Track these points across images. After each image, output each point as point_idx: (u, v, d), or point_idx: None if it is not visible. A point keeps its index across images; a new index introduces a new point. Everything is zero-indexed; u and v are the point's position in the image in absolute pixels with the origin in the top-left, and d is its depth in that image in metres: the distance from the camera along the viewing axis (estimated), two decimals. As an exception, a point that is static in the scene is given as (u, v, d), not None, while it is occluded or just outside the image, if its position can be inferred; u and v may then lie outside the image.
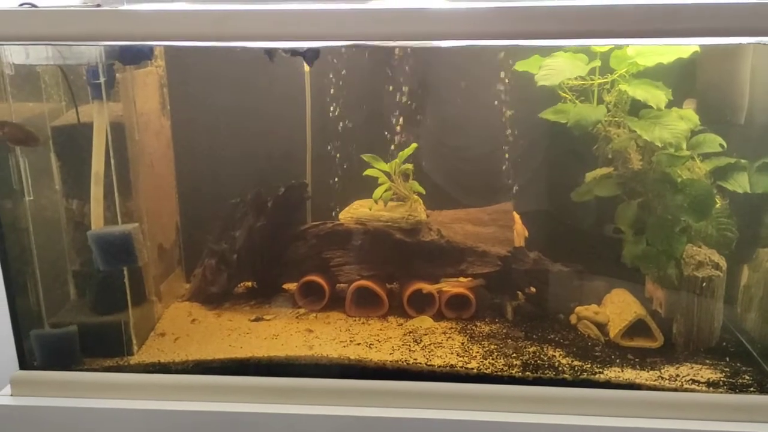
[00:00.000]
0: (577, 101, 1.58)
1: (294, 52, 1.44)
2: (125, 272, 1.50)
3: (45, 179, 1.50)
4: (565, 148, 1.69)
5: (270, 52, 1.46)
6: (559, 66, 1.49)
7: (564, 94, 1.58)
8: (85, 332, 1.50)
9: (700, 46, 1.43)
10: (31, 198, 1.46)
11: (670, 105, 1.51)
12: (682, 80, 1.53)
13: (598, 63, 1.51)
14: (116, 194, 1.47)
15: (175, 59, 1.76)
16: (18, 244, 1.47)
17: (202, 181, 1.85)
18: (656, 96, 1.44)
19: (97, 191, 1.46)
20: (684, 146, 1.44)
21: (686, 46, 1.42)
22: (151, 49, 1.60)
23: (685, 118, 1.47)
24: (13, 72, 1.40)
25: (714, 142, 1.49)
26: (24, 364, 1.50)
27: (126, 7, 1.33)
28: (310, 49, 1.43)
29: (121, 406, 1.42)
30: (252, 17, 1.25)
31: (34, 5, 1.29)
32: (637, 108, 1.53)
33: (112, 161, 1.46)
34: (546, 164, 1.80)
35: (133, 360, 1.51)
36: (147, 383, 1.45)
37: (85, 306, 1.55)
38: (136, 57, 1.54)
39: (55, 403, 1.43)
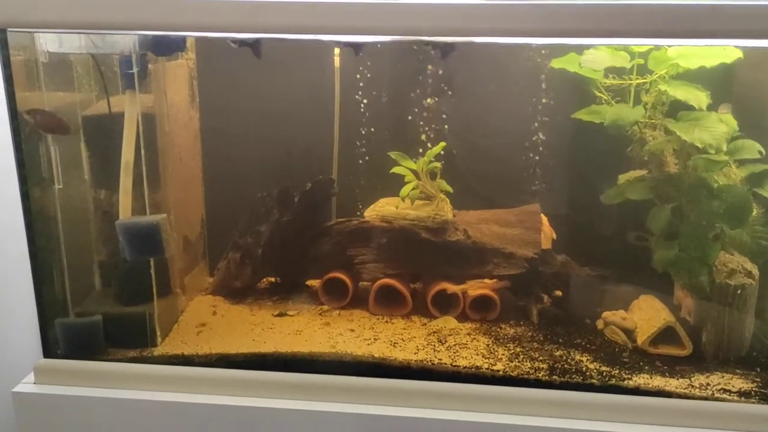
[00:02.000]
0: (612, 101, 1.55)
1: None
2: (151, 263, 1.50)
3: (74, 168, 1.50)
4: (597, 149, 1.66)
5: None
6: (601, 56, 1.47)
7: (600, 94, 1.55)
8: (109, 322, 1.50)
9: (743, 49, 1.40)
10: (61, 186, 1.47)
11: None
12: (716, 85, 1.49)
13: (640, 61, 1.48)
14: (145, 185, 1.47)
15: (205, 52, 1.75)
16: (46, 233, 1.47)
17: (229, 175, 1.84)
18: (698, 96, 1.41)
19: (126, 181, 1.46)
20: (725, 148, 1.41)
21: (731, 50, 1.39)
22: (183, 40, 1.60)
23: (723, 122, 1.44)
24: (47, 60, 1.41)
25: (753, 148, 1.46)
26: (48, 352, 1.50)
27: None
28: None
29: (144, 397, 1.42)
30: (286, 9, 1.24)
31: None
32: (673, 111, 1.50)
33: (142, 152, 1.46)
34: (576, 165, 1.77)
35: (157, 351, 1.51)
36: (170, 375, 1.45)
37: (111, 296, 1.55)
38: (169, 48, 1.54)
39: (77, 392, 1.44)
